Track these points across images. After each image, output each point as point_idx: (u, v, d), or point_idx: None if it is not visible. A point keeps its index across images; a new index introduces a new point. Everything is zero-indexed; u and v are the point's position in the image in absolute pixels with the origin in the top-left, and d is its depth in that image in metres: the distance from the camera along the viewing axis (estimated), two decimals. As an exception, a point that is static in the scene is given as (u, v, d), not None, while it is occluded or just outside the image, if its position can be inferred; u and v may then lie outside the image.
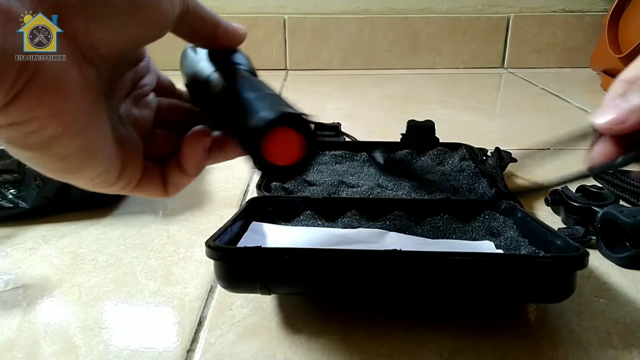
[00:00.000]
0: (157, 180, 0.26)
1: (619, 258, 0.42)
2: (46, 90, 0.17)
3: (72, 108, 0.18)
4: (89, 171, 0.21)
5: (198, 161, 0.26)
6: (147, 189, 0.26)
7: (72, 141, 0.19)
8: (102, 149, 0.21)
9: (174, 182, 0.26)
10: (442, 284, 0.31)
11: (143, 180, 0.25)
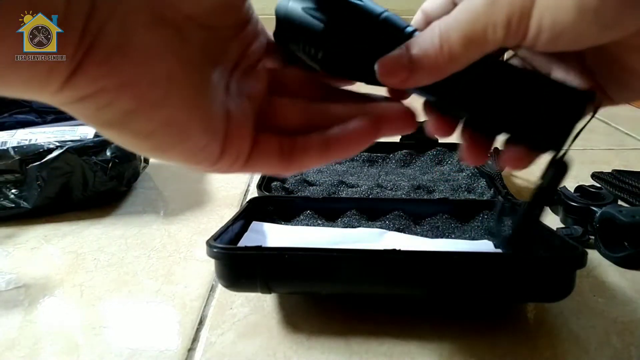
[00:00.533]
0: (274, 154, 0.22)
1: (617, 257, 0.42)
2: (110, 58, 0.16)
3: (145, 76, 0.17)
4: (184, 149, 0.19)
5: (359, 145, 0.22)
6: (260, 165, 0.22)
7: (152, 115, 0.17)
8: (196, 124, 0.19)
9: (300, 158, 0.22)
10: (442, 284, 0.31)
11: (254, 156, 0.22)
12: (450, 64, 0.20)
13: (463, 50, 0.19)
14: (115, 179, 0.54)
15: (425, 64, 0.20)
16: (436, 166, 0.60)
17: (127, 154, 0.55)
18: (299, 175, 0.55)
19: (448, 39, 0.19)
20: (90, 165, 0.52)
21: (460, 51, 0.19)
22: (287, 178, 0.54)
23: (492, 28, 0.19)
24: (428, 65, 0.20)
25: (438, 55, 0.20)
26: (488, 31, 0.19)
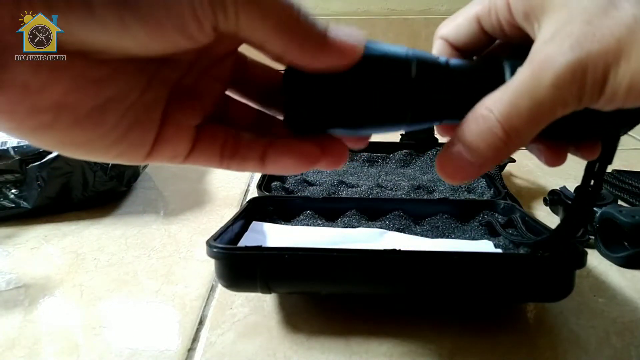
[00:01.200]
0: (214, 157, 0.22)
1: (618, 257, 0.42)
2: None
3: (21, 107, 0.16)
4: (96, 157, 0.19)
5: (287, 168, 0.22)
6: (201, 164, 0.22)
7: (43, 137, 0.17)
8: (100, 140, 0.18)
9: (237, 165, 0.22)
10: (441, 283, 0.31)
11: (193, 155, 0.21)
12: (517, 146, 0.19)
13: (531, 131, 0.19)
14: (115, 179, 0.54)
15: (490, 156, 0.19)
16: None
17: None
18: (299, 175, 0.55)
19: (513, 127, 0.19)
20: (90, 165, 0.52)
21: (529, 132, 0.19)
22: (287, 178, 0.54)
23: (562, 108, 0.18)
24: (494, 156, 0.19)
25: (505, 145, 0.19)
26: (557, 111, 0.18)
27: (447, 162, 0.20)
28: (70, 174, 0.51)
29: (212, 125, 0.22)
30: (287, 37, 0.18)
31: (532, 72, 0.18)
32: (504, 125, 0.19)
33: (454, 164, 0.20)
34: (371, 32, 1.28)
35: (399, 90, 0.20)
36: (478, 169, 0.20)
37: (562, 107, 0.18)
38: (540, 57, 0.19)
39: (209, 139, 0.21)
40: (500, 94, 0.19)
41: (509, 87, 0.19)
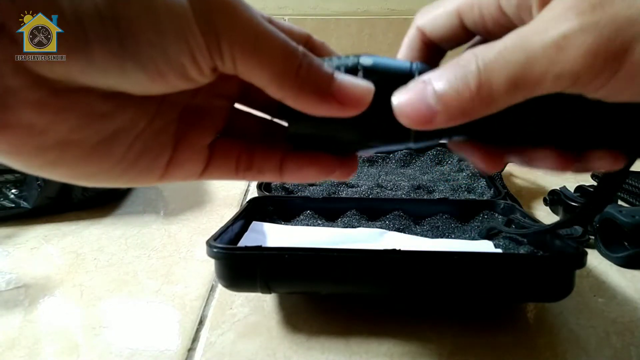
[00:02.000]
0: (230, 171, 0.21)
1: (618, 257, 0.42)
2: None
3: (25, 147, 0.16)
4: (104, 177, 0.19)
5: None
6: (217, 178, 0.22)
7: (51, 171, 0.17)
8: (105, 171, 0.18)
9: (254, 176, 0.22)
10: (442, 283, 0.31)
11: (209, 171, 0.21)
12: (486, 108, 0.17)
13: (505, 96, 0.16)
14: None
15: (454, 104, 0.17)
16: (436, 166, 0.60)
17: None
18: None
19: (489, 80, 0.16)
20: (90, 165, 0.52)
21: (502, 97, 0.16)
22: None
23: (554, 77, 0.16)
24: (458, 107, 0.17)
25: (473, 98, 0.17)
26: (546, 80, 0.16)
27: (407, 104, 0.18)
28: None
29: (224, 141, 0.22)
30: (285, 87, 0.17)
31: (536, 26, 0.16)
32: (482, 76, 0.16)
33: (414, 103, 0.18)
34: (371, 32, 1.29)
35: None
36: (436, 117, 0.17)
37: (555, 78, 0.16)
38: (548, 16, 0.16)
39: (223, 155, 0.21)
40: (492, 44, 0.17)
41: (503, 39, 0.17)
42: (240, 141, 0.22)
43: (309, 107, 0.18)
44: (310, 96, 0.17)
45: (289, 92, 0.17)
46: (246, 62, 0.17)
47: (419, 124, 0.18)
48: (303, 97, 0.17)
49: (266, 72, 0.17)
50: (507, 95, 0.16)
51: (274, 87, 0.17)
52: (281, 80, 0.17)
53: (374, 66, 0.19)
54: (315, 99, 0.18)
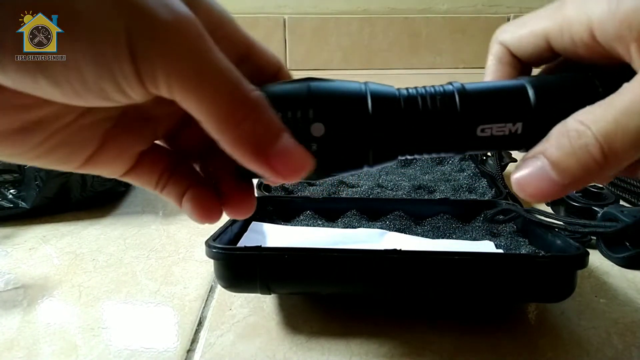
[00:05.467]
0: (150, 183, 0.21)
1: (619, 258, 0.42)
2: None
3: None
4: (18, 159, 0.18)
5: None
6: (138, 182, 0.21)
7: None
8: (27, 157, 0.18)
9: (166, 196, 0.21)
10: (442, 284, 0.31)
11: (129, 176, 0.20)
12: (614, 169, 0.17)
13: (633, 155, 0.17)
14: (114, 179, 0.54)
15: (580, 176, 0.17)
16: (437, 166, 0.60)
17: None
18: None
19: (612, 150, 0.16)
20: (89, 165, 0.51)
21: (630, 156, 0.17)
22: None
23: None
24: (585, 177, 0.17)
25: (599, 166, 0.17)
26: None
27: (528, 181, 0.18)
28: (69, 174, 0.51)
29: (155, 151, 0.21)
30: (222, 133, 0.16)
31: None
32: (603, 145, 0.16)
33: (536, 183, 0.18)
34: (371, 31, 1.28)
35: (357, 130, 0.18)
36: (563, 190, 0.18)
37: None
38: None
39: (148, 165, 0.20)
40: (601, 110, 0.17)
41: (612, 103, 0.17)
42: (170, 155, 0.21)
43: (243, 160, 0.17)
44: (246, 151, 0.16)
45: (224, 139, 0.16)
46: (185, 94, 0.15)
47: (545, 199, 0.18)
48: (239, 149, 0.16)
49: (206, 110, 0.15)
50: (634, 155, 0.17)
51: (210, 127, 0.16)
52: (220, 125, 0.16)
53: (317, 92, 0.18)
54: (251, 156, 0.16)
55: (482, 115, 0.19)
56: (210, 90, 0.15)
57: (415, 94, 0.19)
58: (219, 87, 0.15)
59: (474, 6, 1.28)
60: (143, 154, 0.20)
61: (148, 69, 0.14)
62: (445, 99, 0.19)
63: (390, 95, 0.19)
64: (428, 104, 0.19)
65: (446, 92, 0.19)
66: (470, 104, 0.19)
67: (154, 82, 0.15)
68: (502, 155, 0.58)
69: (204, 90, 0.15)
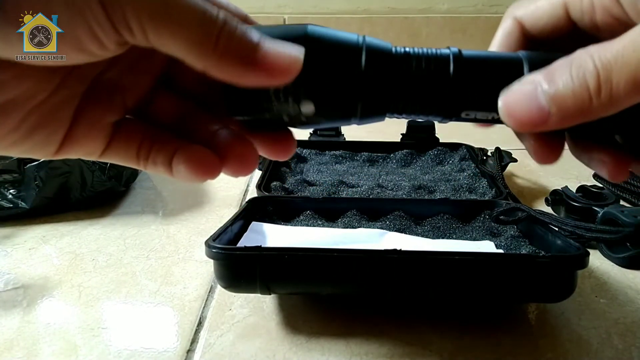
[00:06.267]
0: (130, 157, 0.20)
1: (620, 258, 0.41)
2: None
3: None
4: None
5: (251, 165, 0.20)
6: (117, 161, 0.21)
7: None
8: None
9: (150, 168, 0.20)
10: (442, 284, 0.31)
11: (108, 153, 0.20)
12: (605, 109, 0.16)
13: (626, 97, 0.16)
14: (114, 179, 0.54)
15: (570, 105, 0.16)
16: (437, 166, 0.60)
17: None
18: (299, 175, 0.55)
19: (609, 80, 0.16)
20: (88, 165, 0.51)
21: (623, 98, 0.16)
22: (287, 178, 0.54)
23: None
24: (574, 108, 0.16)
25: (592, 98, 0.16)
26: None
27: (518, 102, 0.17)
28: (69, 174, 0.51)
29: (130, 123, 0.20)
30: (204, 57, 0.16)
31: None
32: (601, 76, 0.16)
33: (524, 106, 0.17)
34: (371, 31, 1.28)
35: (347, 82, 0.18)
36: (549, 120, 0.17)
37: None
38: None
39: (125, 138, 0.20)
40: (610, 43, 0.16)
41: (622, 38, 0.16)
42: (147, 127, 0.20)
43: (234, 76, 0.17)
44: (234, 65, 0.16)
45: (209, 62, 0.16)
46: (158, 32, 0.15)
47: (530, 127, 0.17)
48: (225, 66, 0.16)
49: (182, 41, 0.16)
50: (629, 96, 0.16)
51: (193, 57, 0.16)
52: (199, 50, 0.16)
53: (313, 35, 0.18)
54: (240, 68, 0.16)
55: (474, 84, 0.19)
56: (180, 22, 0.15)
57: (411, 53, 0.19)
58: (187, 18, 0.15)
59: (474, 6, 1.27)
60: (117, 127, 0.20)
61: (118, 11, 0.15)
62: (440, 62, 0.19)
63: (386, 50, 0.19)
64: (422, 64, 0.19)
65: (442, 55, 0.19)
66: (464, 71, 0.19)
67: (127, 26, 0.15)
68: (503, 155, 0.58)
69: (174, 23, 0.15)
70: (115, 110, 0.20)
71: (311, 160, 0.61)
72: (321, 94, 0.18)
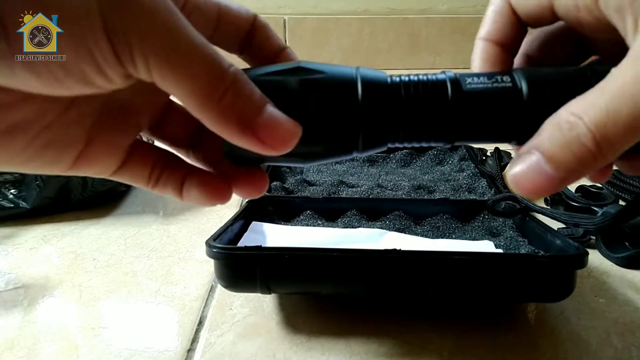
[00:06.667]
0: (142, 179, 0.21)
1: (619, 258, 0.42)
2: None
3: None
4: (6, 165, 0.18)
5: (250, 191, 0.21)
6: (131, 178, 0.21)
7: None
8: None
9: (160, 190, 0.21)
10: (442, 284, 0.31)
11: (120, 173, 0.20)
12: (609, 158, 0.16)
13: (627, 142, 0.16)
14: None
15: (575, 168, 0.17)
16: (437, 166, 0.60)
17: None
18: (299, 175, 0.55)
19: (606, 138, 0.16)
20: (89, 165, 0.51)
21: (624, 143, 0.16)
22: (287, 178, 0.54)
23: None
24: (581, 168, 0.17)
25: (594, 156, 0.16)
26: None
27: (524, 177, 0.17)
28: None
29: (144, 145, 0.20)
30: (204, 111, 0.16)
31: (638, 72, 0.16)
32: (596, 134, 0.16)
33: (532, 179, 0.17)
34: (371, 31, 1.28)
35: (346, 116, 0.18)
36: (560, 183, 0.17)
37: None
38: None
39: (139, 160, 0.20)
40: (593, 97, 0.16)
41: (602, 90, 0.16)
42: (159, 150, 0.20)
43: (229, 136, 0.16)
44: (231, 127, 0.16)
45: (207, 116, 0.16)
46: (162, 74, 0.15)
47: (545, 194, 0.18)
48: (222, 126, 0.16)
49: (185, 89, 0.15)
50: (629, 141, 0.16)
51: (191, 107, 0.16)
52: (201, 103, 0.15)
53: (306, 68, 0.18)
54: (236, 131, 0.16)
55: (474, 109, 0.19)
56: (187, 68, 0.15)
57: (407, 81, 0.19)
58: (195, 65, 0.15)
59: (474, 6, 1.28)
60: (131, 148, 0.20)
61: (125, 47, 0.14)
62: (438, 87, 0.19)
63: (381, 81, 0.19)
64: (420, 91, 0.19)
65: (438, 80, 0.19)
66: (464, 97, 0.19)
67: (132, 61, 0.15)
68: (502, 155, 0.58)
69: (180, 68, 0.15)
70: (130, 130, 0.20)
71: (311, 160, 0.61)
72: (321, 132, 0.18)
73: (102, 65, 0.15)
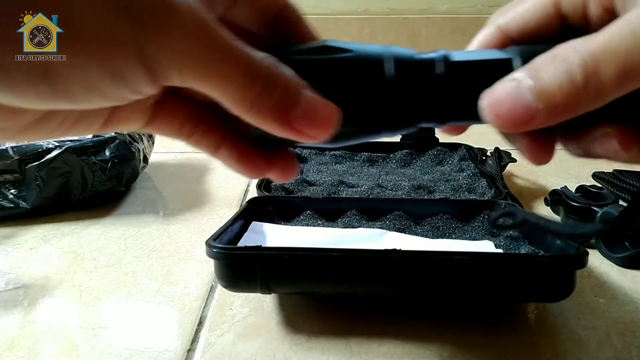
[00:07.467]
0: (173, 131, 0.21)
1: (619, 258, 0.42)
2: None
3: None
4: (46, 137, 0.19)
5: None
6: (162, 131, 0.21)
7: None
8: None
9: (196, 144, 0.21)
10: (442, 284, 0.31)
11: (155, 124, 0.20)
12: (593, 102, 0.16)
13: (615, 88, 0.15)
14: (114, 179, 0.54)
15: (558, 101, 0.16)
16: (437, 166, 0.60)
17: (127, 153, 0.54)
18: (299, 175, 0.55)
19: (597, 73, 0.15)
20: (89, 165, 0.51)
21: (612, 88, 0.15)
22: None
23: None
24: (562, 103, 0.16)
25: (580, 92, 0.15)
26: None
27: (501, 100, 0.16)
28: (69, 174, 0.51)
29: (173, 102, 0.20)
30: (242, 111, 0.16)
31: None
32: (588, 68, 0.15)
33: (508, 106, 0.16)
34: (371, 31, 1.28)
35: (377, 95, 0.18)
36: (534, 117, 0.16)
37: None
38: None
39: (167, 115, 0.20)
40: (594, 35, 0.16)
41: (605, 29, 0.15)
42: (191, 107, 0.20)
43: (270, 131, 0.17)
44: (270, 122, 0.16)
45: (245, 115, 0.16)
46: (196, 83, 0.15)
47: (517, 126, 0.16)
48: (262, 122, 0.16)
49: (220, 93, 0.16)
50: (617, 87, 0.15)
51: (229, 106, 0.16)
52: (237, 103, 0.16)
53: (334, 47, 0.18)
54: (277, 126, 0.16)
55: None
56: (221, 74, 0.15)
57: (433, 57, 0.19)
58: (230, 70, 0.15)
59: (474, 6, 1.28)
60: (157, 106, 0.20)
61: (159, 68, 0.15)
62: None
63: (412, 59, 0.18)
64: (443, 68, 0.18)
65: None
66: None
67: (167, 78, 0.15)
68: (502, 155, 0.58)
69: (214, 75, 0.15)
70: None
71: (311, 160, 0.61)
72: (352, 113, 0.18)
73: (137, 86, 0.15)
